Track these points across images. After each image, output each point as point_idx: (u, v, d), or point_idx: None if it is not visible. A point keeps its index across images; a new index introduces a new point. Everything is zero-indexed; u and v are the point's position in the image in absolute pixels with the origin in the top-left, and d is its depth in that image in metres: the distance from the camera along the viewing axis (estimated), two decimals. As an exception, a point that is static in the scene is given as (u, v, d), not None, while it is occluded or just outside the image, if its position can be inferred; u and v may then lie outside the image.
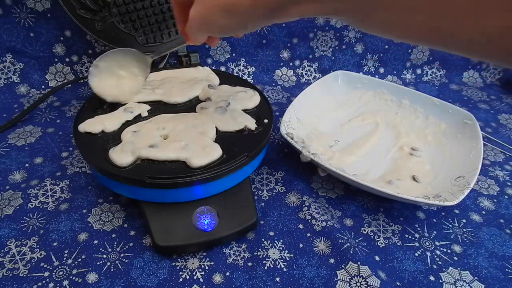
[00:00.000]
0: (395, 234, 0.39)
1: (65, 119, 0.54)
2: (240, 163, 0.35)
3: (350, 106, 0.58)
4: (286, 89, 0.66)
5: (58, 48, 0.59)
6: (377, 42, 0.69)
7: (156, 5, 0.52)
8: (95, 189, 0.42)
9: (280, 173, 0.46)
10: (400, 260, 0.36)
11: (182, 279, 0.33)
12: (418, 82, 0.72)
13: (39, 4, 0.55)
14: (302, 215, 0.40)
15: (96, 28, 0.51)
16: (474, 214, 0.42)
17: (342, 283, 0.33)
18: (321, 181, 0.45)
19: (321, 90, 0.56)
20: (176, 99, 0.44)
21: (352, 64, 0.71)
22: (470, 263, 0.36)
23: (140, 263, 0.34)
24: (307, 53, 0.69)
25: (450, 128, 0.50)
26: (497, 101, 0.67)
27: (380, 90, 0.58)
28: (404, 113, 0.55)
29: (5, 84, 0.58)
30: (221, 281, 0.33)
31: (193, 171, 0.34)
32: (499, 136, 0.56)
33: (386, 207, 0.42)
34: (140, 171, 0.34)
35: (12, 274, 0.33)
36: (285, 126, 0.45)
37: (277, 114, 0.57)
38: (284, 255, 0.36)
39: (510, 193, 0.45)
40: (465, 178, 0.40)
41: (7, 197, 0.41)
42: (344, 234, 0.38)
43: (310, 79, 0.69)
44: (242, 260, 0.35)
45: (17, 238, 0.36)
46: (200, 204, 0.36)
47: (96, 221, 0.38)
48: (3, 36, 0.56)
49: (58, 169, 0.45)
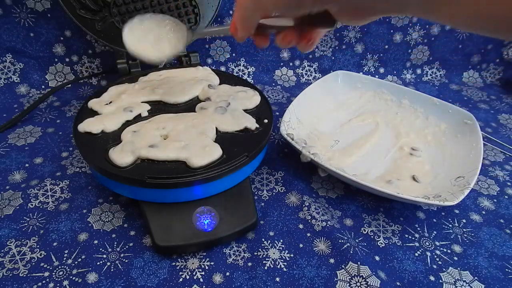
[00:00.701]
0: (395, 234, 0.39)
1: (65, 119, 0.54)
2: (240, 163, 0.35)
3: (350, 106, 0.58)
4: (286, 89, 0.66)
5: (58, 48, 0.59)
6: (377, 42, 0.69)
7: (156, 5, 0.52)
8: (95, 189, 0.42)
9: (280, 173, 0.46)
10: (400, 260, 0.36)
11: (182, 279, 0.33)
12: (418, 82, 0.72)
13: (39, 4, 0.55)
14: (302, 215, 0.40)
15: (96, 28, 0.51)
16: (474, 214, 0.42)
17: (342, 283, 0.33)
18: (321, 181, 0.45)
19: (321, 90, 0.56)
20: (176, 99, 0.44)
21: (352, 64, 0.71)
22: (470, 263, 0.36)
23: (140, 263, 0.34)
24: (307, 53, 0.69)
25: (450, 128, 0.50)
26: (497, 101, 0.67)
27: (380, 90, 0.58)
28: (404, 113, 0.55)
29: (5, 84, 0.58)
30: (221, 281, 0.33)
31: (193, 171, 0.34)
32: (499, 136, 0.56)
33: (386, 207, 0.42)
34: (140, 171, 0.34)
35: (12, 274, 0.33)
36: (285, 126, 0.45)
37: (277, 114, 0.57)
38: (284, 255, 0.36)
39: (510, 193, 0.45)
40: (465, 178, 0.40)
41: (7, 197, 0.41)
42: (344, 234, 0.38)
43: (310, 79, 0.69)
44: (242, 260, 0.35)
45: (17, 238, 0.36)
46: (200, 204, 0.36)
47: (96, 221, 0.38)
48: (3, 36, 0.56)
49: (58, 169, 0.45)
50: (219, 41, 0.65)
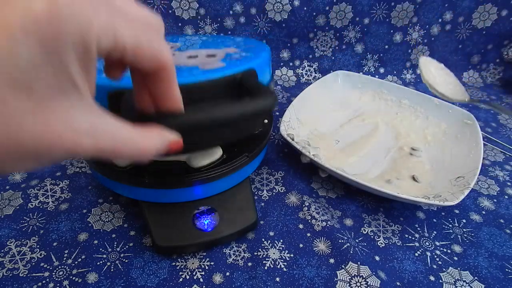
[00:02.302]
0: (395, 234, 0.39)
1: (65, 119, 0.54)
2: (240, 163, 0.35)
3: (350, 106, 0.58)
4: (286, 89, 0.66)
5: (58, 48, 0.59)
6: (377, 42, 0.69)
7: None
8: (95, 189, 0.42)
9: (280, 173, 0.46)
10: (400, 260, 0.36)
11: (182, 279, 0.33)
12: (418, 82, 0.72)
13: (39, 4, 0.55)
14: (302, 215, 0.40)
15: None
16: (474, 214, 0.42)
17: (342, 283, 0.33)
18: (321, 181, 0.45)
19: (321, 90, 0.56)
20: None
21: (352, 64, 0.71)
22: (470, 263, 0.36)
23: (140, 263, 0.34)
24: (307, 53, 0.69)
25: (450, 128, 0.50)
26: (497, 101, 0.67)
27: (380, 90, 0.58)
28: (404, 113, 0.55)
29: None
30: (221, 281, 0.33)
31: (193, 171, 0.34)
32: (499, 136, 0.56)
33: (386, 207, 0.42)
34: (140, 171, 0.34)
35: (12, 274, 0.33)
36: (285, 126, 0.45)
37: (277, 114, 0.57)
38: (284, 255, 0.36)
39: (510, 193, 0.45)
40: (465, 178, 0.40)
41: (7, 197, 0.41)
42: (344, 234, 0.38)
43: (310, 79, 0.69)
44: (242, 260, 0.35)
45: (17, 238, 0.36)
46: (200, 204, 0.36)
47: (96, 221, 0.38)
48: (3, 36, 0.56)
49: (58, 169, 0.45)
50: (219, 41, 0.65)
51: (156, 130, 0.17)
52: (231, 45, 0.38)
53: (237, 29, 0.64)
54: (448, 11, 0.67)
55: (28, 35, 0.11)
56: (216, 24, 0.63)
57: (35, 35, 0.11)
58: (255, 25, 0.64)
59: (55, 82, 0.12)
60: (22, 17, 0.11)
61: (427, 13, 0.67)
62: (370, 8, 0.65)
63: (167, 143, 0.17)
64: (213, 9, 0.62)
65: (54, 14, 0.11)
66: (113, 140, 0.15)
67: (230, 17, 0.63)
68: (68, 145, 0.13)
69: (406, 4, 0.65)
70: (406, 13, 0.66)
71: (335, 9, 0.64)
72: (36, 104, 0.12)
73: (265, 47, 0.38)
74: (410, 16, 0.67)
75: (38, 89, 0.12)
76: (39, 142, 0.12)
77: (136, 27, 0.14)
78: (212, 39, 0.41)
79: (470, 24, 0.69)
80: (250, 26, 0.64)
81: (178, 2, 0.60)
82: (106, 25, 0.13)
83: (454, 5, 0.67)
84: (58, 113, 0.13)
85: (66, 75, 0.13)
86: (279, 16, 0.63)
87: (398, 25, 0.67)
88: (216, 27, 0.63)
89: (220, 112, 0.20)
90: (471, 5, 0.67)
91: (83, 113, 0.14)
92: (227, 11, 0.62)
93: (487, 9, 0.67)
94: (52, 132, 0.13)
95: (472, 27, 0.69)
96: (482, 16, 0.68)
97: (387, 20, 0.67)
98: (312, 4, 0.63)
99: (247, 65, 0.30)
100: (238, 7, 0.62)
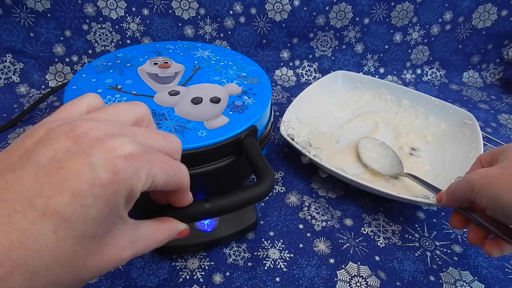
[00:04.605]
0: (395, 234, 0.39)
1: (65, 119, 0.54)
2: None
3: (350, 106, 0.58)
4: (286, 89, 0.66)
5: (58, 48, 0.59)
6: (377, 42, 0.69)
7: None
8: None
9: (280, 173, 0.46)
10: (400, 260, 0.36)
11: (182, 279, 0.33)
12: (418, 82, 0.72)
13: (39, 4, 0.55)
14: (302, 215, 0.40)
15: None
16: (474, 214, 0.42)
17: (342, 283, 0.33)
18: (321, 181, 0.45)
19: (321, 90, 0.56)
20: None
21: (352, 64, 0.71)
22: (470, 263, 0.36)
23: (140, 263, 0.34)
24: (307, 53, 0.69)
25: (450, 128, 0.50)
26: (497, 101, 0.67)
27: (380, 90, 0.58)
28: (404, 113, 0.55)
29: (5, 84, 0.58)
30: (221, 281, 0.33)
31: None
32: (499, 136, 0.56)
33: (386, 207, 0.42)
34: None
35: (12, 274, 0.33)
36: (285, 126, 0.45)
37: (277, 114, 0.57)
38: (284, 255, 0.36)
39: (510, 193, 0.45)
40: (465, 178, 0.40)
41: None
42: (344, 234, 0.38)
43: (310, 79, 0.69)
44: (242, 260, 0.35)
45: (17, 238, 0.36)
46: (200, 204, 0.36)
47: (96, 221, 0.38)
48: (3, 36, 0.56)
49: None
50: (219, 41, 0.65)
51: (169, 223, 0.20)
52: (233, 78, 0.37)
53: (237, 29, 0.64)
54: (448, 11, 0.67)
55: (97, 199, 0.14)
56: (216, 24, 0.63)
57: (102, 198, 0.14)
58: (255, 25, 0.64)
59: (110, 223, 0.15)
60: (91, 185, 0.13)
61: (427, 13, 0.67)
62: (370, 8, 0.65)
63: (178, 233, 0.21)
64: (213, 9, 0.62)
65: (116, 179, 0.14)
66: (146, 241, 0.18)
67: (230, 17, 0.63)
68: (115, 263, 0.16)
69: (406, 4, 0.65)
70: (406, 13, 0.66)
71: (335, 9, 0.64)
72: (98, 244, 0.15)
73: (266, 79, 0.38)
74: (410, 16, 0.67)
75: (100, 233, 0.15)
76: (96, 272, 0.15)
77: (167, 167, 0.17)
78: (214, 59, 0.41)
79: (470, 24, 0.69)
80: (250, 26, 0.64)
81: (178, 2, 0.60)
82: (148, 176, 0.16)
83: (454, 5, 0.67)
84: (110, 241, 0.16)
85: (118, 214, 0.16)
86: (279, 16, 0.63)
87: (398, 25, 0.67)
88: (216, 27, 0.63)
89: (226, 202, 0.23)
90: (471, 5, 0.67)
91: (125, 232, 0.17)
92: (227, 11, 0.62)
93: (487, 9, 0.67)
94: (106, 259, 0.15)
95: (472, 27, 0.69)
96: (482, 16, 0.68)
97: (387, 20, 0.67)
98: (312, 4, 0.63)
99: (250, 122, 0.31)
100: (238, 7, 0.62)
